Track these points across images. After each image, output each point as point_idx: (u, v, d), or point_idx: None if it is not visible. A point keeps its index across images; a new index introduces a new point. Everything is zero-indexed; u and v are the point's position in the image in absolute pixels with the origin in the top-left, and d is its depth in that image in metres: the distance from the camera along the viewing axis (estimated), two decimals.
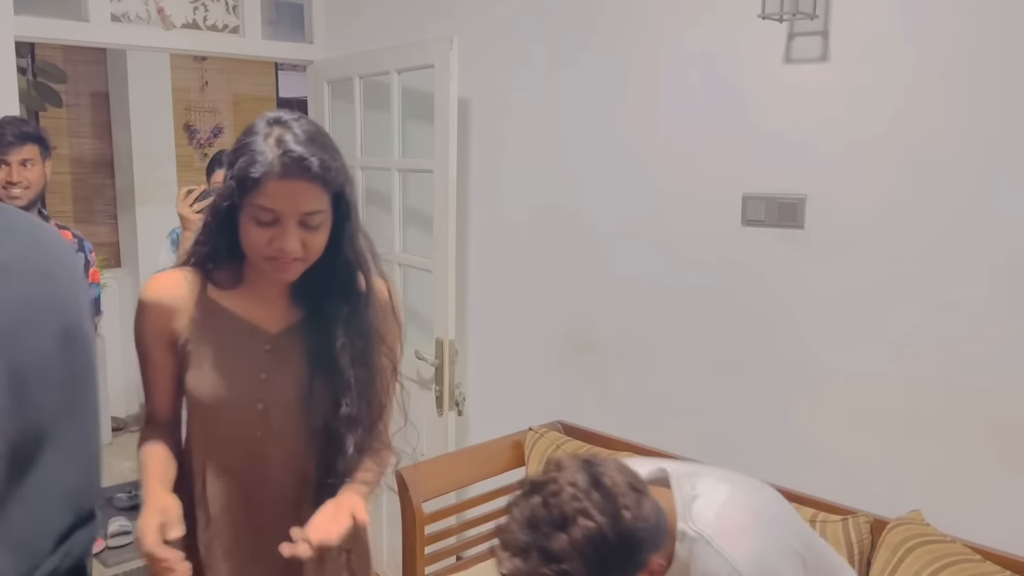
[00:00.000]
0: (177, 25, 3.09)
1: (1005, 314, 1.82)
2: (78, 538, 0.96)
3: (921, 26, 1.89)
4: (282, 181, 1.23)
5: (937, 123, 1.88)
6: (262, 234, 1.26)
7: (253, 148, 1.24)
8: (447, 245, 2.67)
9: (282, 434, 1.37)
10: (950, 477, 1.92)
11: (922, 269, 1.93)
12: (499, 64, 2.84)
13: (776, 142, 2.15)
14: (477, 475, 2.52)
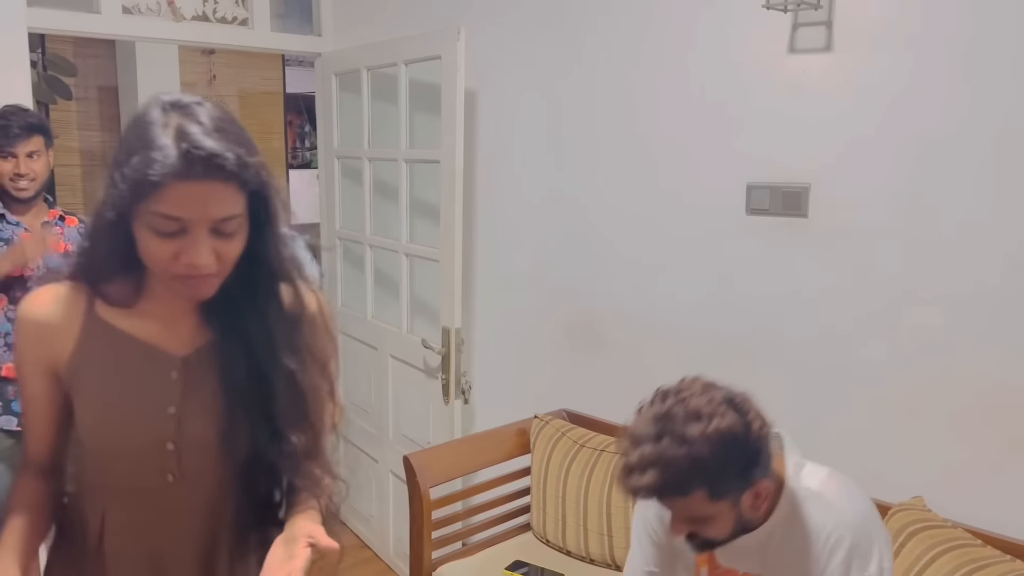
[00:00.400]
0: (187, 17, 3.12)
1: (1006, 302, 1.84)
2: None
3: (924, 16, 1.91)
4: (189, 183, 0.98)
5: (940, 113, 1.90)
6: (165, 247, 1.01)
7: (148, 142, 0.98)
8: (453, 235, 2.70)
9: (198, 478, 1.15)
10: (952, 463, 1.94)
11: (924, 258, 1.95)
12: (506, 56, 2.86)
13: (780, 131, 2.17)
14: (483, 461, 2.56)
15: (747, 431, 1.28)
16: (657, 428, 1.28)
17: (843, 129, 2.06)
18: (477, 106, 2.97)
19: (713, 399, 1.29)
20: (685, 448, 1.25)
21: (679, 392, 1.32)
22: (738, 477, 1.30)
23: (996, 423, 1.87)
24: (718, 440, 1.25)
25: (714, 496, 1.29)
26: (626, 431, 1.33)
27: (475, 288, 3.10)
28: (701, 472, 1.25)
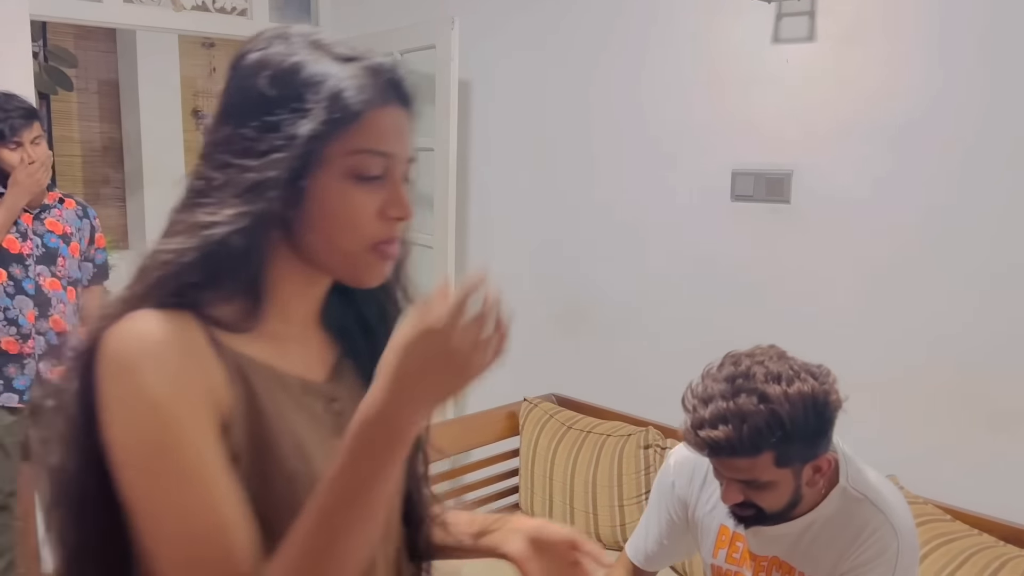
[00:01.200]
0: (187, 7, 3.17)
1: (980, 285, 1.89)
2: None
3: (905, 5, 1.96)
4: (389, 108, 0.79)
5: (920, 101, 1.95)
6: (371, 200, 0.79)
7: (315, 77, 0.76)
8: (447, 221, 2.75)
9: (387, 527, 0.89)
10: (926, 442, 1.99)
11: (902, 242, 2.00)
12: (500, 46, 2.92)
13: (764, 119, 2.23)
14: (473, 442, 2.61)
15: (826, 399, 1.26)
16: (734, 386, 1.25)
17: (824, 117, 2.11)
18: (471, 96, 3.02)
19: (792, 364, 1.28)
20: (765, 405, 1.21)
21: (754, 355, 1.29)
22: (808, 445, 1.26)
23: (968, 404, 1.93)
24: (799, 402, 1.22)
25: (781, 461, 1.25)
26: (693, 390, 1.29)
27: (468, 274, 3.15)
28: (777, 432, 1.22)
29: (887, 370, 2.04)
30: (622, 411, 2.53)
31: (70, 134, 5.14)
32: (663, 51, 2.43)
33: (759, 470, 1.26)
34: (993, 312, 1.88)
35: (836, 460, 1.33)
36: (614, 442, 2.41)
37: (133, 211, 5.36)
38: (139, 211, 5.27)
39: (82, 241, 2.61)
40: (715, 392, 1.25)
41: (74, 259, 2.58)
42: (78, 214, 2.61)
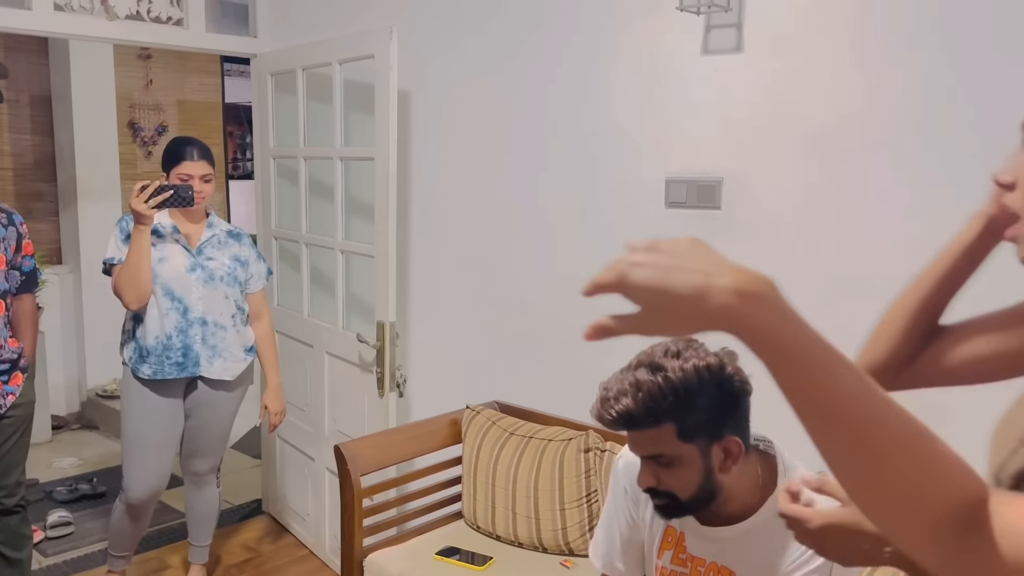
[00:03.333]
0: (120, 16, 3.12)
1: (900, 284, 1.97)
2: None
3: (829, 17, 2.04)
4: None
5: (842, 109, 2.03)
6: None
7: None
8: (387, 230, 2.75)
9: None
10: None
11: (826, 245, 2.07)
12: (439, 56, 2.94)
13: (696, 128, 2.28)
14: (415, 450, 2.61)
15: (723, 374, 1.30)
16: (635, 361, 1.31)
17: (751, 125, 2.18)
18: (411, 106, 3.04)
19: (695, 344, 1.33)
20: (659, 375, 1.26)
21: (664, 342, 1.33)
22: (710, 420, 1.30)
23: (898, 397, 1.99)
24: (692, 373, 1.27)
25: (683, 434, 1.29)
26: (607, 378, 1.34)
27: (410, 284, 3.16)
28: (669, 398, 1.26)
29: None
30: (563, 416, 2.56)
31: (1, 146, 5.00)
32: (597, 62, 2.48)
33: (663, 442, 1.31)
34: None
35: (742, 444, 1.35)
36: (555, 447, 2.44)
37: (67, 226, 5.24)
38: (73, 226, 5.15)
39: (7, 250, 2.54)
40: (619, 370, 1.32)
41: (0, 270, 2.51)
42: (2, 222, 2.54)
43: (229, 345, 2.80)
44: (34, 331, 2.73)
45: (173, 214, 2.76)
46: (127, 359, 2.77)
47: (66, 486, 3.99)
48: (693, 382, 1.27)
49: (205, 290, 2.74)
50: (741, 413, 1.36)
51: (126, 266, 2.61)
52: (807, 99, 2.08)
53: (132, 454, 2.78)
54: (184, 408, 2.83)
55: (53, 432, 4.87)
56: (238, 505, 3.90)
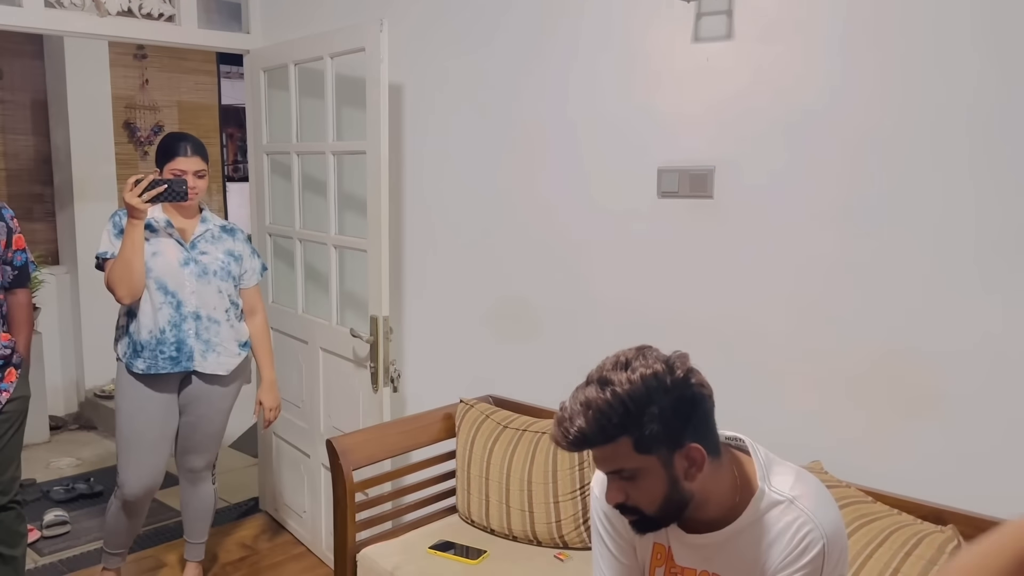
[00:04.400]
0: (112, 12, 3.12)
1: (896, 273, 1.96)
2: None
3: (820, 3, 2.03)
4: None
5: (834, 96, 2.01)
6: None
7: None
8: (380, 224, 2.74)
9: None
10: (849, 428, 2.04)
11: (818, 231, 2.06)
12: (431, 49, 2.93)
13: (687, 117, 2.27)
14: (408, 445, 2.59)
15: (673, 379, 1.27)
16: (585, 381, 1.29)
17: (742, 113, 2.16)
18: (403, 99, 3.03)
19: (645, 354, 1.30)
20: (608, 390, 1.24)
21: (617, 353, 1.31)
22: (665, 429, 1.26)
23: (888, 389, 1.98)
24: (639, 382, 1.24)
25: (639, 446, 1.26)
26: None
27: (404, 279, 3.15)
28: (619, 411, 1.23)
29: (810, 358, 2.10)
30: (556, 409, 2.53)
31: None
32: (589, 53, 2.47)
33: (621, 457, 1.27)
34: (906, 300, 1.94)
35: (706, 450, 1.31)
36: (549, 440, 2.42)
37: (63, 226, 5.24)
38: (69, 226, 5.14)
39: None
40: (574, 391, 1.29)
41: None
42: None
43: (223, 340, 2.79)
44: (29, 326, 2.72)
45: (167, 209, 2.76)
46: (121, 354, 2.77)
47: (63, 486, 3.99)
48: (641, 392, 1.24)
49: (199, 284, 2.73)
50: (700, 417, 1.32)
51: (119, 260, 2.60)
52: (799, 85, 2.07)
53: (127, 450, 2.77)
54: (179, 404, 2.82)
55: (51, 433, 4.87)
56: (235, 504, 3.89)
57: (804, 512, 1.32)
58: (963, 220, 1.85)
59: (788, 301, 2.13)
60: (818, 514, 1.33)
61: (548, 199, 2.64)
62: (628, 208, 2.42)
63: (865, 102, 1.96)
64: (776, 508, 1.34)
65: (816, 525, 1.31)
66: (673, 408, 1.27)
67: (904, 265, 1.94)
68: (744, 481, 1.37)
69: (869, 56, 1.95)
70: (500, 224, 2.79)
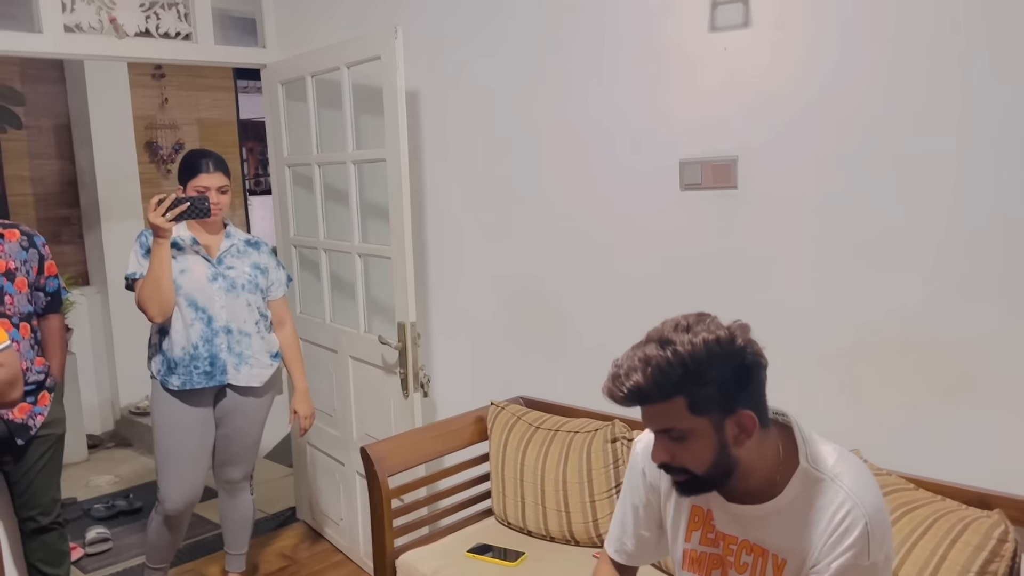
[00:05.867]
0: (130, 34, 3.15)
1: (926, 255, 1.93)
2: None
3: None
4: None
5: (856, 82, 1.99)
6: None
7: None
8: (403, 230, 2.75)
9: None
10: (884, 413, 2.02)
11: (848, 219, 2.03)
12: (446, 54, 2.93)
13: (707, 107, 2.25)
14: (442, 449, 2.60)
15: (733, 346, 1.28)
16: (645, 337, 1.30)
17: (763, 101, 2.14)
18: (420, 105, 3.03)
19: (706, 320, 1.31)
20: (668, 349, 1.25)
21: (675, 318, 1.33)
22: (721, 393, 1.27)
23: (923, 370, 1.95)
24: (701, 346, 1.25)
25: (694, 407, 1.27)
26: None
27: (430, 284, 3.15)
28: (679, 371, 1.24)
29: (841, 344, 2.07)
30: (588, 408, 2.53)
31: (21, 172, 5.08)
32: (606, 47, 2.46)
33: (675, 416, 1.28)
34: (940, 281, 1.91)
35: (757, 418, 1.32)
36: (582, 438, 2.42)
37: (92, 247, 5.31)
38: (98, 247, 5.21)
39: (30, 273, 2.57)
40: (630, 350, 1.30)
41: (22, 294, 2.53)
42: (23, 245, 2.56)
43: (255, 352, 2.81)
44: (62, 350, 2.76)
45: (191, 226, 2.78)
46: (155, 372, 2.80)
47: (103, 503, 4.04)
48: (703, 355, 1.25)
49: (227, 299, 2.75)
50: (754, 386, 1.33)
51: (148, 279, 2.63)
52: (819, 70, 2.04)
53: (166, 466, 2.80)
54: (215, 417, 2.85)
55: (89, 451, 4.93)
56: (273, 514, 3.92)
57: (844, 490, 1.32)
58: (992, 198, 1.81)
59: (819, 289, 2.10)
60: (859, 492, 1.32)
61: (570, 198, 2.63)
62: (652, 203, 2.41)
63: (894, 85, 1.93)
64: (818, 485, 1.34)
65: (857, 503, 1.31)
66: (731, 374, 1.28)
67: (937, 249, 1.91)
68: (787, 456, 1.37)
69: (899, 38, 1.92)
70: (523, 225, 2.79)
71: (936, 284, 1.92)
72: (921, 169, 1.91)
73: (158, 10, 3.23)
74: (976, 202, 1.85)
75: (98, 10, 3.06)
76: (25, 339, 2.54)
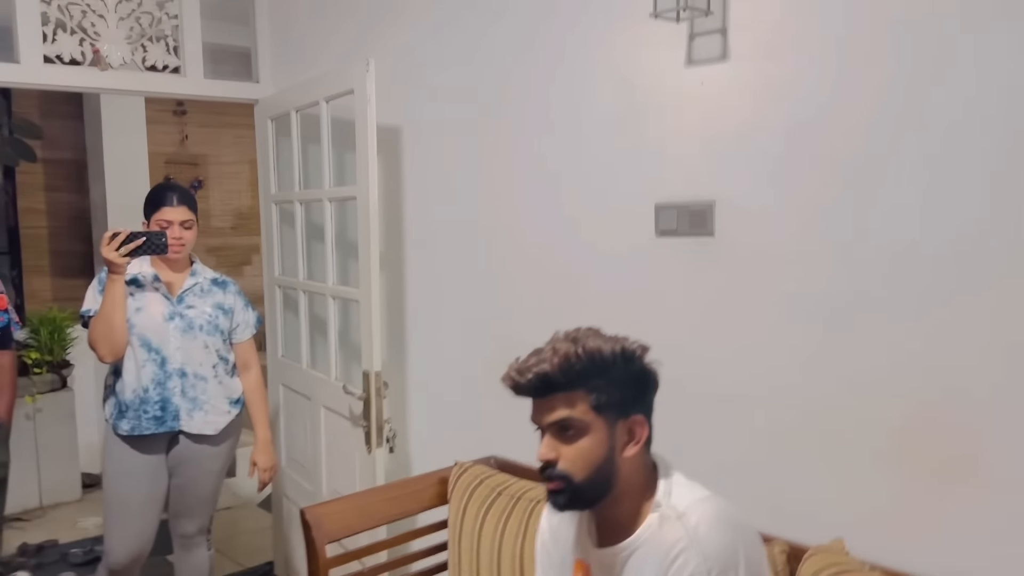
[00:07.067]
0: (114, 66, 3.08)
1: (918, 322, 1.67)
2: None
3: (822, 13, 1.79)
4: None
5: (843, 120, 1.76)
6: None
7: None
8: (370, 271, 2.58)
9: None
10: (870, 496, 1.74)
11: (830, 274, 1.79)
12: (426, 92, 2.78)
13: (683, 147, 2.04)
14: (394, 513, 2.37)
15: (635, 357, 1.34)
16: (551, 339, 1.35)
17: (742, 140, 1.92)
18: (402, 142, 2.88)
19: (609, 335, 1.37)
20: (579, 345, 1.30)
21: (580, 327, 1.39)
22: (620, 395, 1.31)
23: (921, 449, 1.68)
24: (607, 346, 1.31)
25: (593, 402, 1.30)
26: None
27: (408, 330, 2.97)
28: (587, 367, 1.28)
29: (824, 414, 1.81)
30: None
31: (36, 205, 5.09)
32: (578, 85, 2.28)
33: (573, 407, 1.29)
34: (933, 351, 1.65)
35: (648, 429, 1.36)
36: (543, 508, 2.17)
37: None
38: None
39: None
40: (536, 349, 1.35)
41: None
42: None
43: (211, 397, 2.65)
44: (11, 390, 2.64)
45: (155, 263, 2.66)
46: (108, 415, 2.66)
47: (83, 548, 3.90)
48: (608, 355, 1.30)
49: (184, 340, 2.61)
50: (649, 400, 1.38)
51: (99, 317, 2.51)
52: (803, 107, 1.82)
53: (113, 516, 2.64)
54: (168, 466, 2.69)
55: (83, 491, 4.82)
56: (249, 568, 3.74)
57: (684, 528, 1.29)
58: (993, 251, 1.56)
59: (801, 349, 1.85)
60: (700, 532, 1.27)
61: (545, 243, 2.43)
62: (625, 249, 2.19)
63: (885, 123, 1.70)
64: (664, 524, 1.32)
65: (693, 542, 1.26)
66: (632, 380, 1.34)
67: (937, 306, 1.65)
68: (651, 492, 1.37)
69: (891, 70, 1.69)
70: (500, 269, 2.59)
71: (928, 357, 1.66)
72: (913, 220, 1.66)
73: (145, 43, 3.16)
74: (973, 256, 1.59)
75: (80, 41, 3.00)
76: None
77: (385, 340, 2.84)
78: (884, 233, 1.71)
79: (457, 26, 2.64)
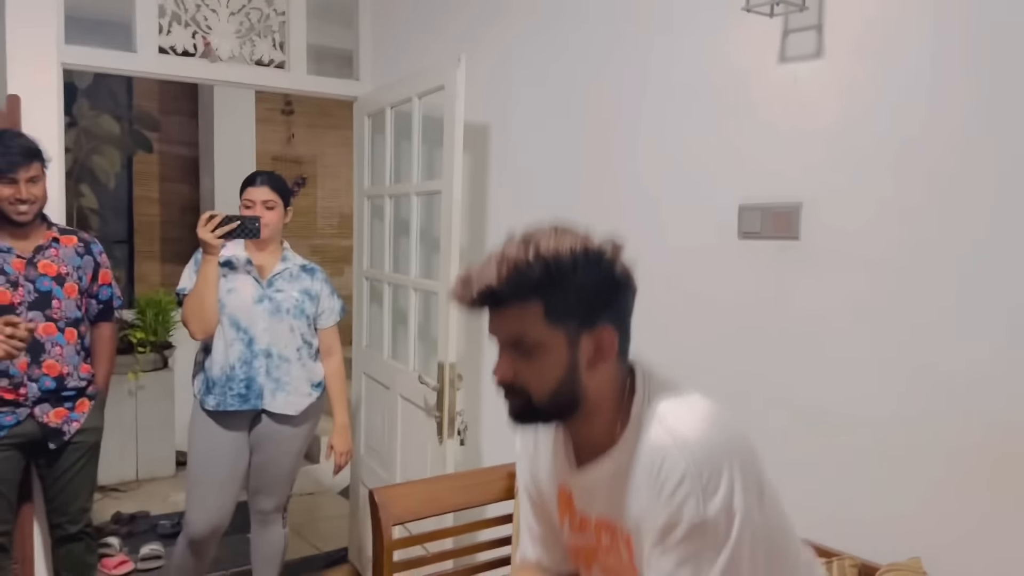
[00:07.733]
0: (223, 59, 3.23)
1: (1016, 335, 1.57)
2: None
3: (927, 9, 1.71)
4: None
5: (944, 121, 1.67)
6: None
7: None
8: (450, 263, 2.61)
9: None
10: (954, 518, 1.64)
11: (924, 282, 1.70)
12: (516, 89, 2.80)
13: (771, 146, 1.99)
14: (462, 502, 2.37)
15: (602, 258, 1.15)
16: (505, 240, 1.16)
17: (835, 141, 1.85)
18: (490, 139, 2.91)
19: (576, 229, 1.17)
20: (531, 248, 1.11)
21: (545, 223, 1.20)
22: (582, 303, 1.14)
23: (1003, 472, 1.58)
24: (567, 250, 1.12)
25: (551, 315, 1.13)
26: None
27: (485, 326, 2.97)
28: (541, 275, 1.11)
29: (906, 431, 1.72)
30: None
31: (150, 194, 5.37)
32: (666, 82, 2.24)
33: (527, 324, 1.13)
34: None
35: (617, 339, 1.18)
36: None
37: None
38: None
39: (83, 279, 2.60)
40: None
41: (71, 299, 2.56)
42: (78, 251, 2.61)
43: (293, 379, 2.73)
44: (109, 360, 2.78)
45: (248, 247, 2.76)
46: (196, 391, 2.77)
47: (171, 520, 4.07)
48: (567, 259, 1.12)
49: (271, 322, 2.69)
50: (620, 306, 1.19)
51: (192, 295, 2.62)
52: (901, 108, 1.74)
53: (195, 488, 2.75)
54: (249, 443, 2.78)
55: (177, 468, 5.03)
56: (325, 552, 3.81)
57: (664, 427, 1.15)
58: None
59: (889, 362, 1.76)
60: (681, 430, 1.14)
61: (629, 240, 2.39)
62: (707, 252, 2.14)
63: (988, 125, 1.61)
64: (649, 430, 1.17)
65: (676, 441, 1.12)
66: (596, 285, 1.15)
67: None
68: (630, 402, 1.21)
69: (998, 70, 1.60)
70: None
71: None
72: (1018, 230, 1.56)
73: (254, 37, 3.30)
74: None
75: (193, 34, 3.15)
76: (70, 344, 2.56)
77: (463, 334, 2.86)
78: (982, 248, 1.61)
79: (549, 28, 2.65)
